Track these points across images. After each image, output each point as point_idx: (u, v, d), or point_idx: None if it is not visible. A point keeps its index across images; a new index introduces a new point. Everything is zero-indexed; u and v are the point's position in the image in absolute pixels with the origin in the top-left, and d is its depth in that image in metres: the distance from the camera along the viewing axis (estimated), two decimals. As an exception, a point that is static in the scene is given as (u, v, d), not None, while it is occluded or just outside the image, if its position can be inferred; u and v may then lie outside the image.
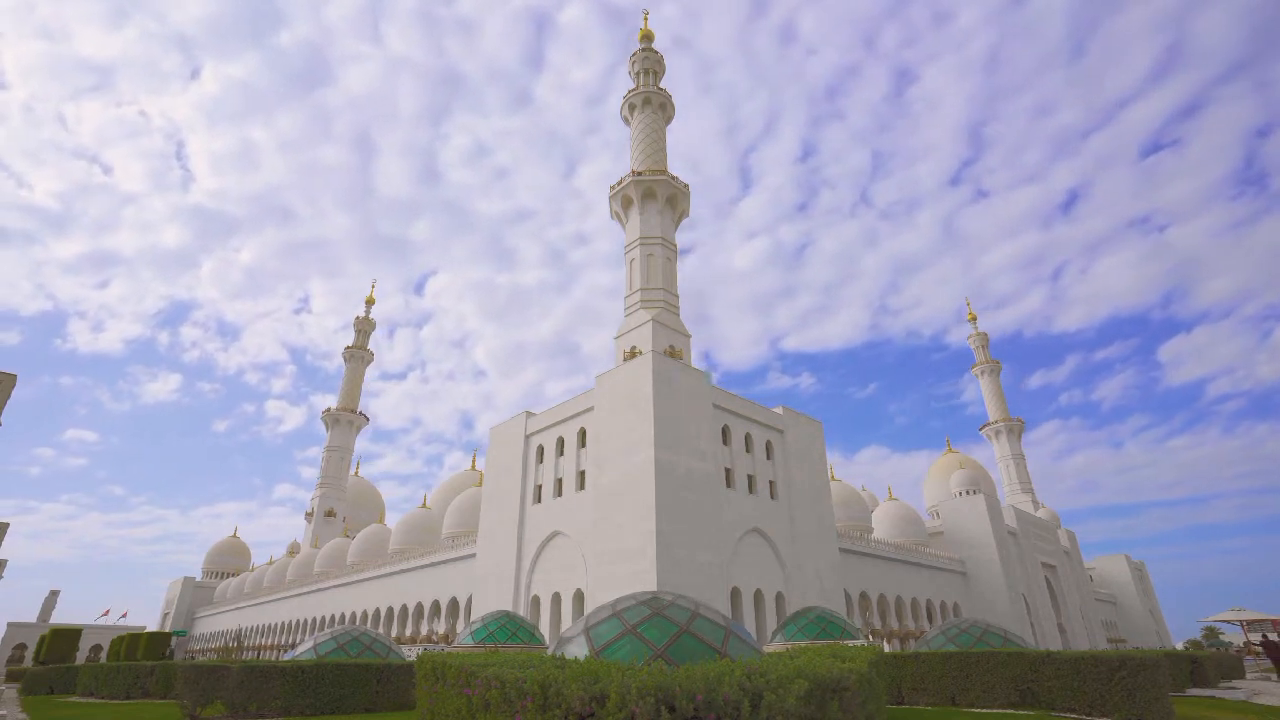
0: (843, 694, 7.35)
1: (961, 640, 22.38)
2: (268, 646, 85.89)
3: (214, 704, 18.82)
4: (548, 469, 46.96)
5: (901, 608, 61.27)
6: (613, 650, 10.68)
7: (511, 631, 29.42)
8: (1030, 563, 77.50)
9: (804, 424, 52.03)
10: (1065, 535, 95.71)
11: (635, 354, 46.69)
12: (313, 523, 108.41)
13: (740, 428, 45.81)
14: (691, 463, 39.80)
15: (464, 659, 9.42)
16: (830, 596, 46.96)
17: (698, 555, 37.73)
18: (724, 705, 6.08)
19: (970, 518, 72.45)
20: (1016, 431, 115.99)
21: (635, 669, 6.97)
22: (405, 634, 59.30)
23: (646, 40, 66.12)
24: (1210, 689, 27.62)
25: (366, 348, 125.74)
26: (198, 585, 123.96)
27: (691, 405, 41.73)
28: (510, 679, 7.15)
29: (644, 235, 54.32)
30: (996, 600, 67.28)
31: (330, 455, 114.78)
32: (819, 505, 50.19)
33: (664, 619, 11.27)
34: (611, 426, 41.47)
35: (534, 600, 44.10)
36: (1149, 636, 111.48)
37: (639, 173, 56.64)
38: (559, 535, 43.77)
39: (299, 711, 18.03)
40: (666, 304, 51.97)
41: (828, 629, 28.41)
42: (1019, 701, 17.98)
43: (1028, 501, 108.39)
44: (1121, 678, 16.49)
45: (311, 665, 18.67)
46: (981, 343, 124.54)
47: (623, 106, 63.81)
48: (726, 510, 41.55)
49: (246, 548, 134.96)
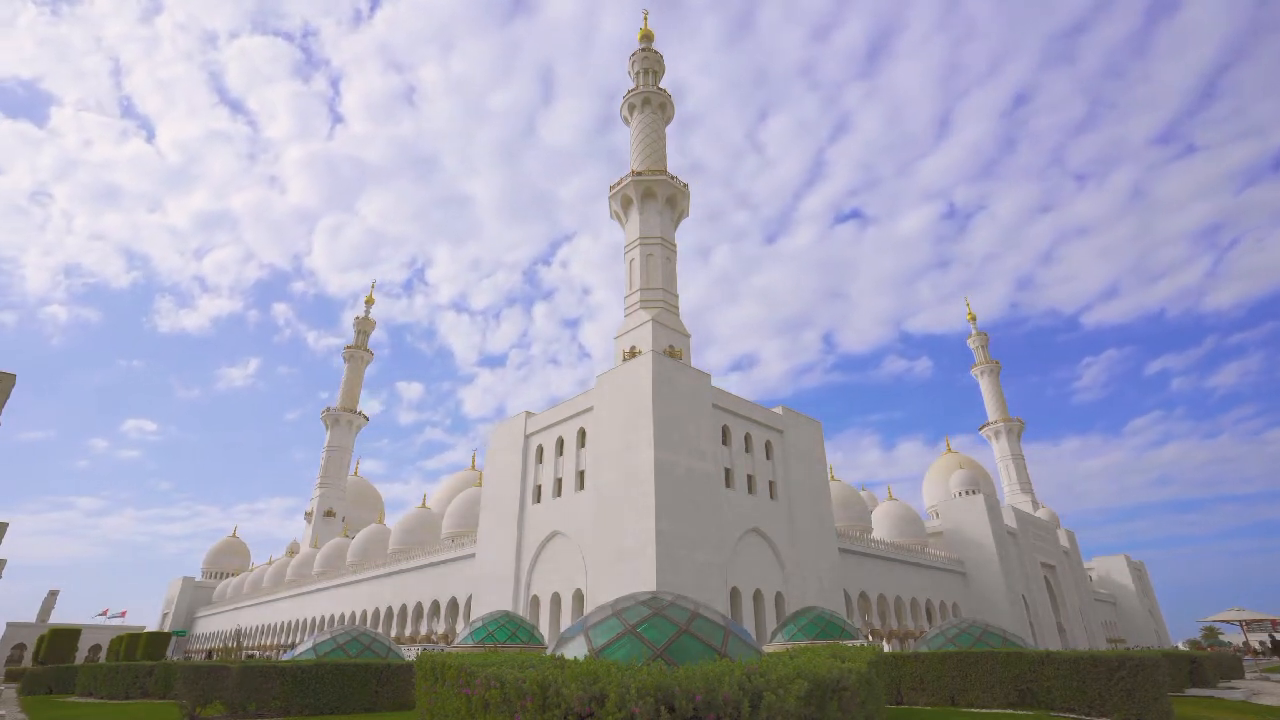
0: (842, 694, 7.35)
1: (961, 640, 22.37)
2: (267, 646, 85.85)
3: (213, 704, 18.80)
4: (547, 469, 46.96)
5: (901, 608, 61.28)
6: (612, 650, 10.66)
7: (511, 631, 29.40)
8: (1030, 563, 77.51)
9: (804, 424, 52.07)
10: (1065, 535, 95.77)
11: (635, 354, 46.70)
12: (312, 522, 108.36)
13: (740, 428, 45.82)
14: (691, 463, 39.80)
15: (463, 659, 9.41)
16: (830, 596, 46.97)
17: (697, 555, 37.73)
18: (724, 705, 6.07)
19: (970, 518, 72.46)
20: (1016, 432, 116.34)
21: (635, 669, 6.96)
22: (405, 634, 59.28)
23: (646, 40, 66.08)
24: (1210, 689, 27.63)
25: (366, 347, 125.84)
26: (197, 585, 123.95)
27: (691, 405, 41.73)
28: (510, 679, 7.14)
29: (644, 235, 54.34)
30: (996, 600, 67.29)
31: (330, 455, 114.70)
32: (819, 505, 50.20)
33: (664, 619, 11.26)
34: (611, 426, 41.47)
35: (534, 600, 44.09)
36: (1148, 636, 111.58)
37: (639, 173, 56.64)
38: (559, 535, 43.76)
39: (298, 711, 18.02)
40: (666, 304, 51.99)
41: (827, 629, 28.40)
42: (1018, 701, 17.98)
43: (1027, 502, 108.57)
44: (1121, 678, 16.50)
45: (311, 665, 18.66)
46: (982, 343, 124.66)
47: (622, 106, 63.78)
48: (726, 510, 41.55)
49: (246, 547, 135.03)
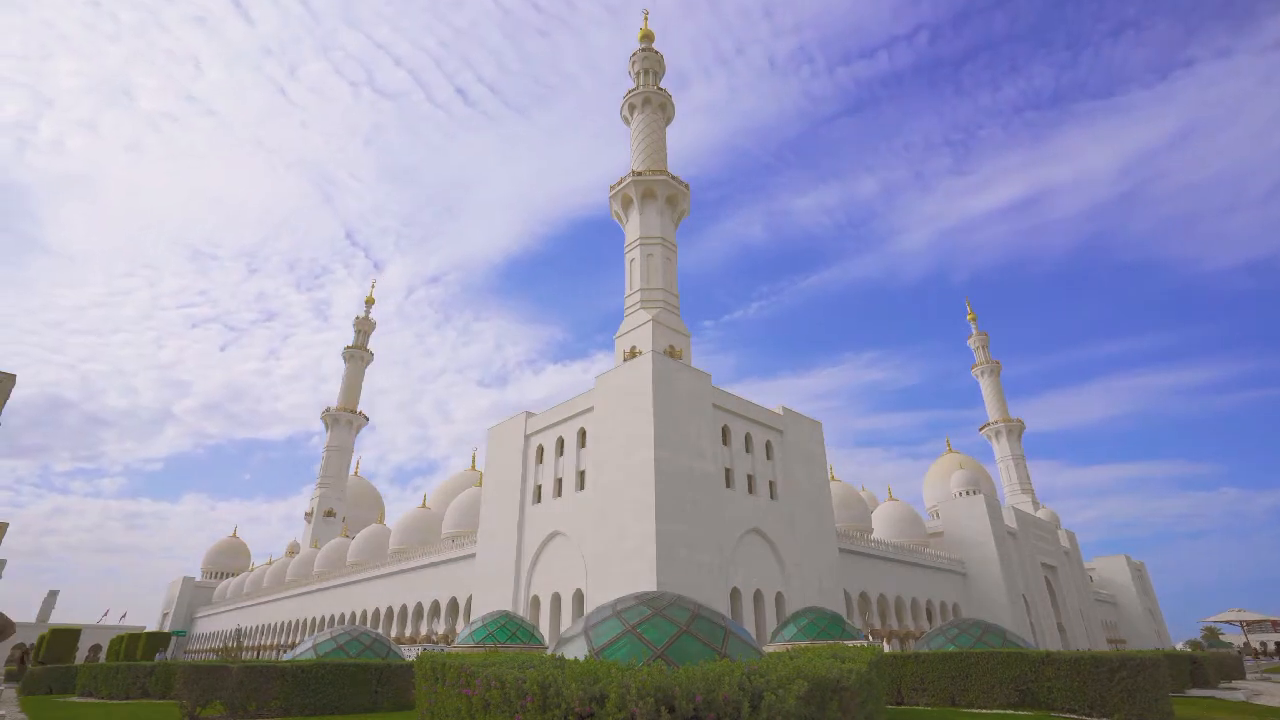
0: (842, 694, 7.34)
1: (961, 641, 22.37)
2: (267, 647, 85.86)
3: (213, 704, 18.79)
4: (547, 469, 46.93)
5: (901, 608, 61.25)
6: (612, 650, 10.66)
7: (511, 631, 29.39)
8: (1030, 563, 77.47)
9: (804, 424, 52.05)
10: (1065, 535, 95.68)
11: (635, 354, 46.69)
12: (312, 523, 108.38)
13: (740, 428, 45.80)
14: (691, 463, 39.79)
15: (463, 659, 9.40)
16: (830, 597, 46.94)
17: (698, 555, 37.71)
18: (724, 705, 6.07)
19: (970, 518, 72.40)
20: (1016, 432, 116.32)
21: (635, 669, 6.96)
22: (405, 634, 59.26)
23: (646, 40, 66.07)
24: (1210, 689, 27.61)
25: (366, 348, 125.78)
26: (197, 585, 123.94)
27: (691, 405, 41.71)
28: (510, 679, 7.13)
29: (644, 235, 54.33)
30: (996, 600, 67.24)
31: (330, 455, 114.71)
32: (819, 505, 50.19)
33: (664, 619, 11.26)
34: (611, 426, 41.44)
35: (534, 600, 44.07)
36: (1149, 637, 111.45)
37: (639, 173, 56.64)
38: (559, 535, 43.74)
39: (298, 711, 18.02)
40: (666, 304, 51.98)
41: (827, 629, 28.39)
42: (1019, 702, 17.98)
43: (1028, 502, 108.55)
44: (1121, 678, 16.49)
45: (311, 665, 18.66)
46: (982, 343, 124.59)
47: (623, 106, 63.77)
48: (726, 510, 41.54)
49: (246, 547, 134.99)
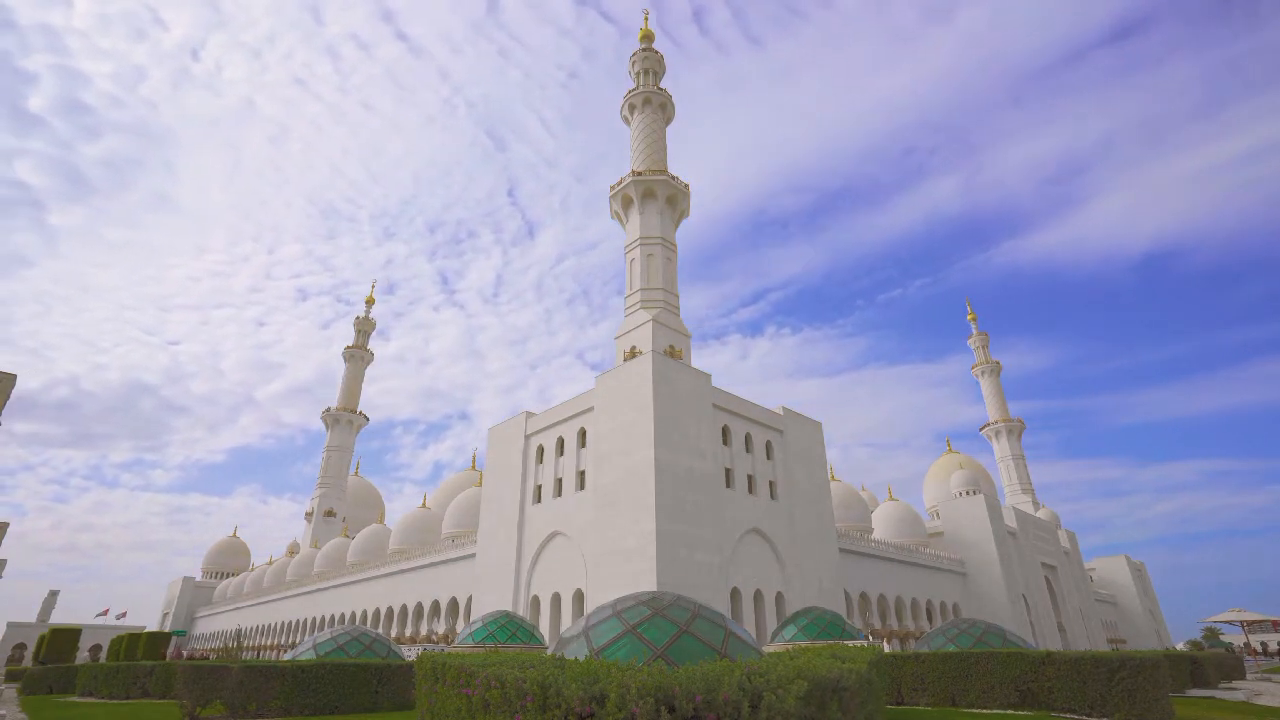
0: (842, 694, 7.34)
1: (961, 640, 22.36)
2: (268, 646, 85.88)
3: (213, 704, 18.80)
4: (547, 469, 46.94)
5: (901, 608, 61.26)
6: (612, 650, 10.66)
7: (511, 631, 29.35)
8: (1030, 563, 77.46)
9: (804, 424, 52.05)
10: (1065, 536, 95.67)
11: (635, 354, 46.68)
12: (312, 523, 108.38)
13: (740, 428, 45.80)
14: (691, 463, 39.79)
15: (463, 659, 9.40)
16: (830, 597, 46.95)
17: (698, 555, 37.72)
18: (724, 706, 6.06)
19: (970, 518, 72.38)
20: (1016, 432, 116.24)
21: (635, 669, 6.95)
22: (405, 634, 59.27)
23: (647, 40, 66.05)
24: (1210, 689, 27.61)
25: (366, 347, 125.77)
26: (197, 585, 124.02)
27: (691, 405, 41.72)
28: (510, 679, 7.13)
29: (644, 235, 54.31)
30: (996, 600, 67.24)
31: (330, 455, 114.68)
32: (819, 505, 50.19)
33: (664, 619, 11.25)
34: (611, 426, 41.44)
35: (534, 600, 44.08)
36: (1149, 637, 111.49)
37: (639, 173, 56.64)
38: (559, 535, 43.75)
39: (299, 711, 18.02)
40: (666, 304, 51.96)
41: (827, 629, 28.36)
42: (1019, 702, 17.97)
43: (1028, 502, 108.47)
44: (1122, 678, 16.49)
45: (311, 665, 18.66)
46: (982, 343, 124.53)
47: (623, 107, 63.76)
48: (726, 510, 41.54)
49: (246, 547, 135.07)
